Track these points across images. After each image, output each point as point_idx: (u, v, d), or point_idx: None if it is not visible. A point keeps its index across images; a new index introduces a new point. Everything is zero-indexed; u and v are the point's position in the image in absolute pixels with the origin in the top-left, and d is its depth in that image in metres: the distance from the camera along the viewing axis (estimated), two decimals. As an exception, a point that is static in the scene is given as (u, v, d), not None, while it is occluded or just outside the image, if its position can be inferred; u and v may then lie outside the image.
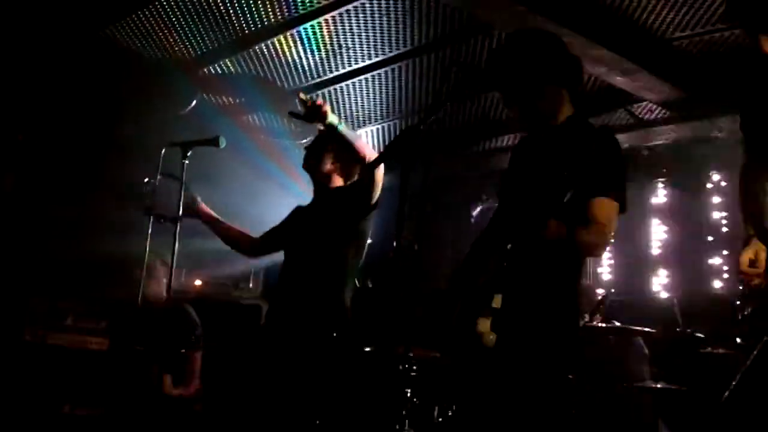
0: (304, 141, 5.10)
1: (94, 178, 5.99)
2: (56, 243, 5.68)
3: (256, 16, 4.76)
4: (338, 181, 3.99)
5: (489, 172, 6.83)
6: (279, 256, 4.04)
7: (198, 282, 7.54)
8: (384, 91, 5.64)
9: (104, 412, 4.73)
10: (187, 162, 3.85)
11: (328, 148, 3.93)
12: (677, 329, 5.18)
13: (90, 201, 5.97)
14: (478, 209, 6.78)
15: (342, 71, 5.41)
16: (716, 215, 6.07)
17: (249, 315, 6.19)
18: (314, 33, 4.91)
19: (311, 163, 3.98)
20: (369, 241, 4.07)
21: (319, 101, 3.45)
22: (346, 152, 3.81)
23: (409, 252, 3.79)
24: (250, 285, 7.04)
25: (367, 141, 6.57)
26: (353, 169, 3.96)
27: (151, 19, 4.90)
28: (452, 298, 2.94)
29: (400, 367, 5.08)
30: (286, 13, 4.71)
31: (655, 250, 6.35)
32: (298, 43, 5.06)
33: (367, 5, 4.53)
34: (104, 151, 5.91)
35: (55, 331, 5.50)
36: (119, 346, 5.13)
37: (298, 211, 4.20)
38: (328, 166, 3.98)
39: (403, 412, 4.93)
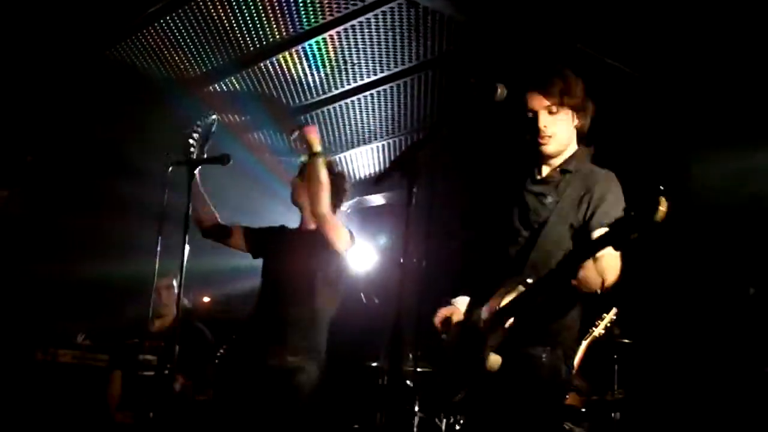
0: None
1: (101, 197, 6.01)
2: (64, 263, 5.70)
3: (261, 33, 4.77)
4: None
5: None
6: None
7: (206, 299, 7.55)
8: (389, 107, 5.63)
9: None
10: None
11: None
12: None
13: (97, 221, 5.99)
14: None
15: (347, 87, 5.41)
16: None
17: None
18: (319, 49, 4.91)
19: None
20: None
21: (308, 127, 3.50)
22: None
23: (415, 268, 3.78)
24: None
25: (372, 158, 6.57)
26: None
27: (156, 37, 4.90)
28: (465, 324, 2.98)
29: (407, 382, 5.09)
30: (291, 30, 4.71)
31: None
32: (303, 59, 5.06)
33: (372, 21, 4.54)
34: (111, 170, 5.92)
35: (66, 348, 5.52)
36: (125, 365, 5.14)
37: (283, 231, 4.23)
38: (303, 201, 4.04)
39: (413, 427, 4.93)
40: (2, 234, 5.71)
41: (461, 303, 3.12)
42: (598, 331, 4.74)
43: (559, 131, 2.89)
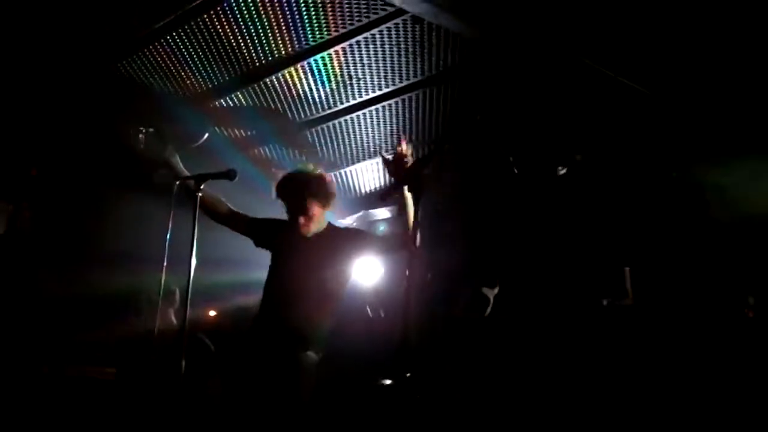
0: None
1: (106, 211, 6.04)
2: (70, 276, 5.72)
3: (266, 48, 4.80)
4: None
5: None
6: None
7: (212, 313, 7.57)
8: (394, 121, 5.65)
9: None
10: (200, 195, 3.91)
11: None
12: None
13: (104, 234, 6.01)
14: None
15: (352, 102, 5.44)
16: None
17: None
18: (324, 65, 4.94)
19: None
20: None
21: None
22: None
23: (420, 280, 3.80)
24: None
25: (378, 173, 6.59)
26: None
27: (162, 53, 4.94)
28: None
29: (417, 397, 5.09)
30: (297, 46, 4.75)
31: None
32: (309, 75, 5.09)
33: (378, 36, 4.57)
34: (117, 184, 5.95)
35: (72, 363, 5.54)
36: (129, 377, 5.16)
37: (290, 229, 4.28)
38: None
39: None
40: (9, 248, 5.73)
41: None
42: None
43: None
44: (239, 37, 4.70)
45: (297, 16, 4.44)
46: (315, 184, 4.24)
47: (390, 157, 3.53)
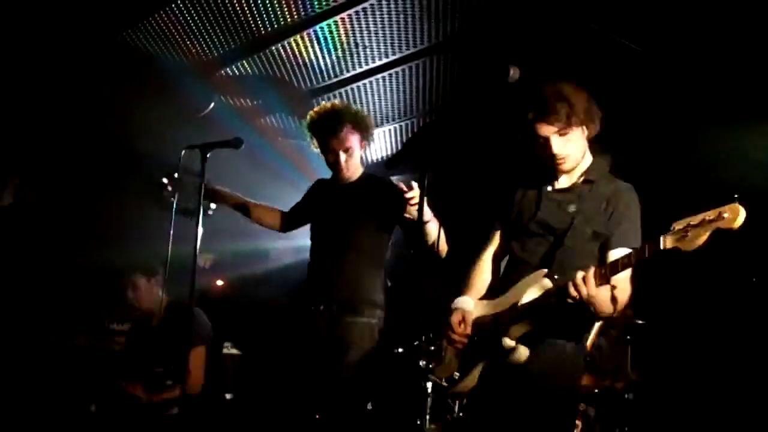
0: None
1: (112, 180, 6.03)
2: (78, 249, 5.73)
3: (272, 16, 4.76)
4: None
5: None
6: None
7: (220, 283, 7.60)
8: (401, 89, 5.61)
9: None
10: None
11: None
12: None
13: (109, 206, 6.01)
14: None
15: (359, 70, 5.40)
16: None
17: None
18: (331, 32, 4.90)
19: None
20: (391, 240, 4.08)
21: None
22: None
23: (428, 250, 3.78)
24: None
25: (385, 141, 6.56)
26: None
27: (167, 21, 4.90)
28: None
29: (421, 363, 5.12)
30: (302, 13, 4.71)
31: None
32: (315, 42, 5.05)
33: (384, 3, 4.51)
34: (123, 153, 5.94)
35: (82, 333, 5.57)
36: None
37: (322, 185, 4.20)
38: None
39: (426, 407, 4.96)
40: (18, 221, 5.74)
41: (465, 303, 3.15)
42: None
43: (572, 150, 2.98)
44: (245, 5, 4.66)
45: (302, -17, 4.41)
46: (353, 112, 4.00)
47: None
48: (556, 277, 2.81)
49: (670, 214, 2.43)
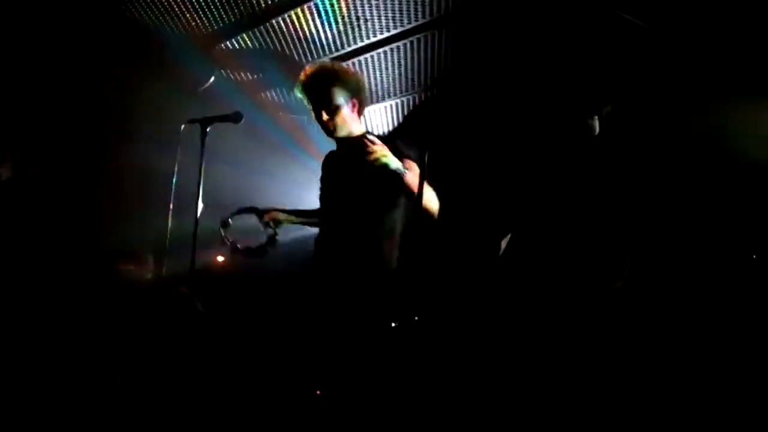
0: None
1: (113, 158, 6.03)
2: (78, 225, 5.74)
3: (272, -11, 4.73)
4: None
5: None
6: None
7: (220, 258, 7.60)
8: (403, 64, 5.58)
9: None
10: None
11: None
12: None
13: (108, 182, 6.01)
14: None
15: (360, 44, 5.36)
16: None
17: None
18: (332, 5, 4.87)
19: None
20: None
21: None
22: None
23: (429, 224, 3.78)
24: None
25: (386, 115, 6.54)
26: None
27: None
28: None
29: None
30: (303, -15, 4.69)
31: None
32: (316, 16, 5.02)
33: (385, -24, 4.49)
34: (123, 129, 5.93)
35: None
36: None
37: (328, 156, 4.10)
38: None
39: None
40: (17, 192, 5.74)
41: None
42: None
43: None
44: (244, -23, 4.63)
45: (303, -45, 4.37)
46: (337, 69, 3.85)
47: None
48: None
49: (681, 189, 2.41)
